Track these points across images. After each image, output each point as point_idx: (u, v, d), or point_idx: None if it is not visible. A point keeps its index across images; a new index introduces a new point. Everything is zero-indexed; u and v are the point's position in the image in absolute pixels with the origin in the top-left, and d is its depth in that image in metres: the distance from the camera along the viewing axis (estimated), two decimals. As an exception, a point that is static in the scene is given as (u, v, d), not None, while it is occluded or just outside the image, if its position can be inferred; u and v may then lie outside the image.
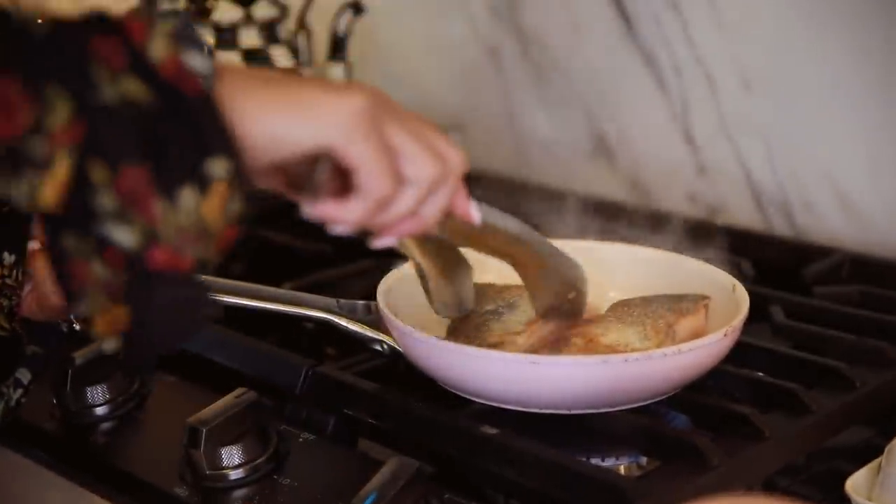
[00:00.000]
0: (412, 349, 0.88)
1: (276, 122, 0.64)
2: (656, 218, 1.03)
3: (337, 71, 1.47)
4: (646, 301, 0.93)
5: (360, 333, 0.96)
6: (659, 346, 0.86)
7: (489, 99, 1.50)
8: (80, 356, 0.95)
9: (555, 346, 0.89)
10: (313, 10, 1.50)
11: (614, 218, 1.06)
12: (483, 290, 0.96)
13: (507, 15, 1.46)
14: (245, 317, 0.99)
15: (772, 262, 1.18)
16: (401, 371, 0.92)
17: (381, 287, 0.93)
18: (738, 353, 0.89)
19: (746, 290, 0.92)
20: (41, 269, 0.82)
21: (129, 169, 0.60)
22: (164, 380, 0.99)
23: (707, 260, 0.98)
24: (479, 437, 0.83)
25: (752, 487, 0.83)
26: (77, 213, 0.60)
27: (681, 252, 1.00)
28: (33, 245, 0.82)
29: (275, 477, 0.85)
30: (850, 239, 1.22)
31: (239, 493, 0.84)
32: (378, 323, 0.94)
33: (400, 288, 0.94)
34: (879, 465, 0.82)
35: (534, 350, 0.89)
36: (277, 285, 1.03)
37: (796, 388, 0.88)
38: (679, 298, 0.93)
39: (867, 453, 0.85)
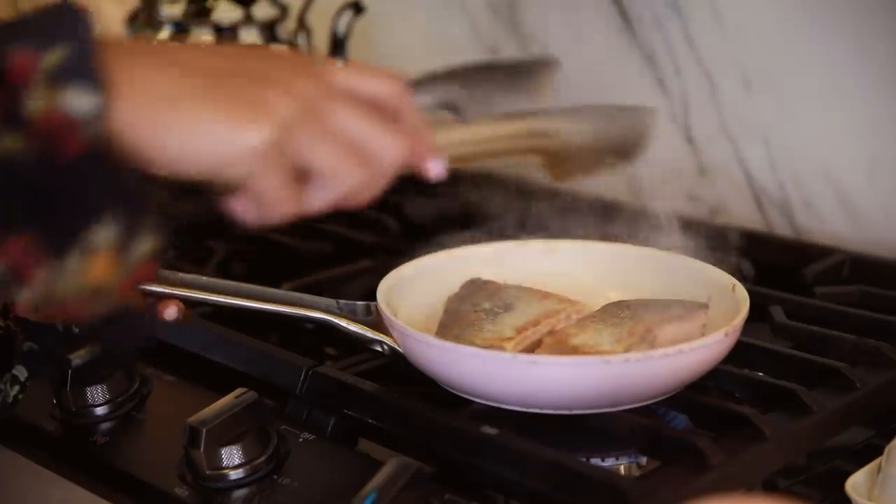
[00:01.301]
0: (412, 349, 0.88)
1: (177, 150, 0.61)
2: (656, 218, 1.03)
3: (337, 71, 1.47)
4: (642, 304, 0.92)
5: (360, 334, 0.96)
6: (628, 349, 0.85)
7: (489, 99, 1.50)
8: (78, 356, 0.95)
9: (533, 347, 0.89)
10: (313, 10, 1.50)
11: (614, 218, 1.05)
12: (481, 286, 0.96)
13: (507, 15, 1.46)
14: (245, 317, 0.99)
15: (772, 262, 1.18)
16: (401, 371, 0.92)
17: (381, 287, 0.93)
18: (738, 353, 0.89)
19: (746, 290, 0.92)
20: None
21: (11, 239, 0.57)
22: (164, 380, 0.99)
23: (707, 260, 0.98)
24: (479, 437, 0.83)
25: (752, 487, 0.83)
26: None
27: (681, 252, 1.00)
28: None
29: (275, 477, 0.85)
30: (850, 239, 1.22)
31: (239, 493, 0.84)
32: (378, 323, 0.94)
33: (400, 288, 0.94)
34: (879, 465, 0.82)
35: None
36: (277, 285, 1.03)
37: (796, 388, 0.88)
38: (671, 304, 0.92)
39: (867, 453, 0.85)
